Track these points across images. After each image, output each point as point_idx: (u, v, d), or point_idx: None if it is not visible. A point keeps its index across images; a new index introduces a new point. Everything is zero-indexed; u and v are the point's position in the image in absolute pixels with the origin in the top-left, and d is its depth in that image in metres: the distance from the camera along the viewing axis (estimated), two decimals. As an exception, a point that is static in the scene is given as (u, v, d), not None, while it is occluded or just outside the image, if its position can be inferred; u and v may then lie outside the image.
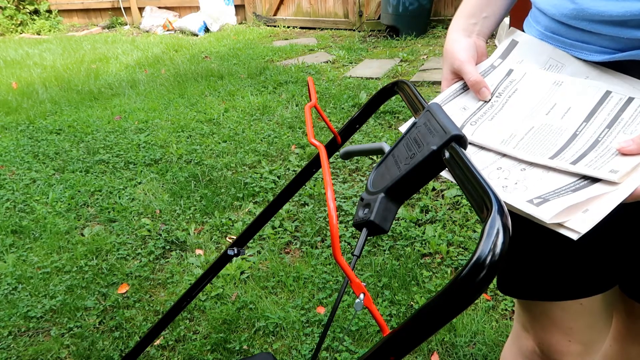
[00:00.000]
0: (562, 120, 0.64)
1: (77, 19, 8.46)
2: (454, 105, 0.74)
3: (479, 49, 0.75)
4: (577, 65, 0.65)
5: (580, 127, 0.62)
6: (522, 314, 0.87)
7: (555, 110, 0.65)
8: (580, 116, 0.62)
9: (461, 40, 0.75)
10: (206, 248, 2.19)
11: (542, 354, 0.84)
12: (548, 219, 0.54)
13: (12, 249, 2.27)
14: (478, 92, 0.71)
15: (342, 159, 0.90)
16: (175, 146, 3.20)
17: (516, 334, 0.92)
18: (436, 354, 1.57)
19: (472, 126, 0.70)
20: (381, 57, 4.99)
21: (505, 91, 0.71)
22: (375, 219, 0.55)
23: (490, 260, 0.36)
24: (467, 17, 0.77)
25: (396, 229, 2.17)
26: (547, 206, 0.55)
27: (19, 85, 4.82)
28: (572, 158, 0.61)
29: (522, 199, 0.57)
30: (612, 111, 0.60)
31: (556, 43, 0.68)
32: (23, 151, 3.29)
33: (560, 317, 0.78)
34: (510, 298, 1.75)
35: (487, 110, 0.72)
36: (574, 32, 0.65)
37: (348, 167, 2.77)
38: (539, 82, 0.67)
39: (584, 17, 0.62)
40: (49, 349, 1.71)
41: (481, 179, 0.43)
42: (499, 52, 0.73)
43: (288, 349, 1.64)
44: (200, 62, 5.21)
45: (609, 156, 0.58)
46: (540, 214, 0.54)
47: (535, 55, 0.68)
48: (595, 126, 0.61)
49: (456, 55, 0.74)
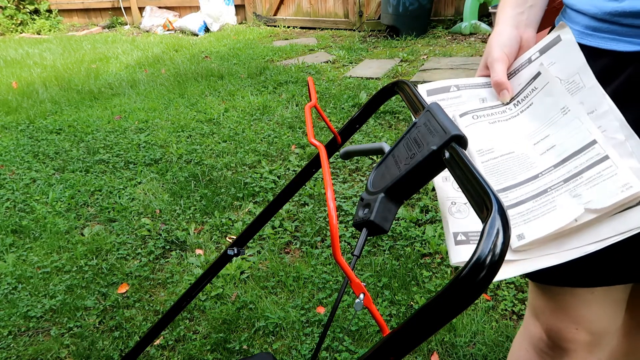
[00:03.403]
0: (541, 156, 0.64)
1: (77, 19, 8.46)
2: (475, 93, 0.75)
3: (525, 42, 0.75)
4: (591, 93, 0.64)
5: (545, 171, 0.61)
6: (534, 299, 0.88)
7: (543, 143, 0.65)
8: (555, 159, 0.62)
9: (504, 34, 0.75)
10: (206, 248, 2.19)
11: (549, 340, 0.85)
12: (453, 263, 0.57)
13: (12, 249, 2.27)
14: (499, 93, 0.73)
15: (342, 159, 0.90)
16: (175, 146, 3.20)
17: (526, 322, 0.93)
18: (436, 354, 1.57)
19: (472, 119, 0.71)
20: (381, 57, 4.99)
21: (523, 102, 0.71)
22: (375, 219, 0.55)
23: (490, 260, 0.36)
24: (513, 7, 0.77)
25: (396, 229, 2.17)
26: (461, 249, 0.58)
27: (19, 85, 4.82)
28: (512, 201, 0.61)
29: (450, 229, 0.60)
30: (581, 165, 0.59)
31: (597, 40, 0.69)
32: (23, 151, 3.29)
33: (571, 304, 0.79)
34: (511, 298, 1.75)
35: (497, 113, 0.72)
36: (617, 28, 0.66)
37: (348, 167, 2.77)
38: (551, 103, 0.67)
39: (629, 13, 0.63)
40: (49, 348, 1.71)
41: (481, 179, 0.43)
42: (541, 45, 0.73)
43: (288, 349, 1.64)
44: (201, 62, 5.21)
45: (536, 214, 0.58)
46: (452, 255, 0.58)
47: (567, 63, 0.68)
48: (556, 175, 0.60)
49: (492, 50, 0.74)
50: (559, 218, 0.56)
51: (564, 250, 0.57)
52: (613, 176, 0.55)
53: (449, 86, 0.77)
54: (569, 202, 0.57)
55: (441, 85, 0.78)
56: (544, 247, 0.58)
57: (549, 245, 0.57)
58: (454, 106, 0.74)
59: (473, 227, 0.60)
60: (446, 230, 0.61)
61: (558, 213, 0.56)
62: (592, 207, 0.55)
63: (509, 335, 1.61)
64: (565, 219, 0.56)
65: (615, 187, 0.55)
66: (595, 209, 0.55)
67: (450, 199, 0.64)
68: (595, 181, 0.57)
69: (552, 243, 0.57)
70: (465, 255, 0.57)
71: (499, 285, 1.82)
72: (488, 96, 0.74)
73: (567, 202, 0.57)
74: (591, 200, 0.55)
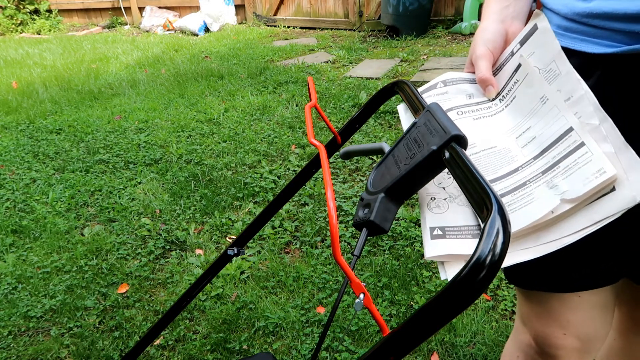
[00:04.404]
0: (522, 149, 0.63)
1: (77, 19, 8.46)
2: (462, 89, 0.74)
3: (511, 35, 0.74)
4: (567, 79, 0.64)
5: (525, 164, 0.61)
6: (521, 306, 0.87)
7: (524, 135, 0.64)
8: (535, 150, 0.61)
9: (488, 30, 0.74)
10: (206, 248, 2.19)
11: (537, 347, 0.84)
12: (427, 257, 0.57)
13: (12, 249, 2.27)
14: (484, 89, 0.72)
15: (342, 159, 0.90)
16: (175, 146, 3.20)
17: (515, 329, 0.92)
18: (436, 354, 1.57)
19: (457, 115, 0.71)
20: (381, 57, 4.99)
21: (507, 96, 0.71)
22: (375, 219, 0.56)
23: (490, 260, 0.36)
24: (498, 1, 0.75)
25: (396, 229, 2.17)
26: (437, 244, 0.57)
27: (19, 84, 4.82)
28: None
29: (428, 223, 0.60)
30: (558, 154, 0.58)
31: (567, 40, 0.69)
32: (23, 151, 3.29)
33: (557, 309, 0.78)
34: (510, 298, 1.75)
35: (482, 109, 0.72)
36: (586, 29, 0.66)
37: (348, 167, 2.77)
38: (532, 94, 0.66)
39: (597, 15, 0.62)
40: (49, 348, 1.71)
41: (481, 179, 0.43)
42: (521, 36, 0.72)
43: (288, 349, 1.64)
44: (201, 62, 5.21)
45: (514, 207, 0.57)
46: (427, 249, 0.57)
47: (544, 51, 0.67)
48: (535, 167, 0.59)
49: (476, 47, 0.73)
50: (536, 210, 0.55)
51: (541, 244, 0.56)
52: (588, 163, 0.55)
53: (436, 83, 0.77)
54: (546, 193, 0.56)
55: (430, 84, 0.77)
56: (521, 241, 0.57)
57: (526, 239, 0.57)
58: (440, 102, 0.74)
59: (450, 222, 0.59)
60: (423, 225, 0.60)
61: (535, 205, 0.56)
62: (567, 197, 0.54)
63: (508, 335, 1.61)
64: (542, 211, 0.55)
65: (590, 174, 0.54)
66: (571, 199, 0.54)
67: (430, 194, 0.63)
68: (571, 169, 0.56)
69: (529, 237, 0.56)
70: (440, 250, 0.56)
71: (499, 285, 1.83)
72: (475, 92, 0.74)
73: (544, 194, 0.56)
74: (567, 190, 0.54)
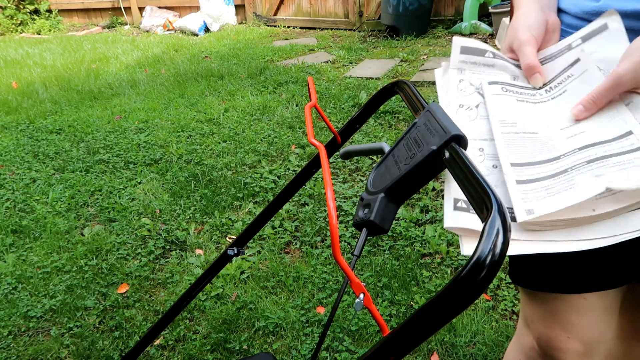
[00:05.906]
0: (567, 140, 0.61)
1: (77, 19, 8.46)
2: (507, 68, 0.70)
3: (550, 26, 0.71)
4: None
5: (568, 153, 0.59)
6: (525, 307, 0.86)
7: (571, 128, 0.62)
8: (581, 143, 0.59)
9: (531, 16, 0.71)
10: (206, 248, 2.19)
11: (540, 350, 0.83)
12: (446, 226, 0.57)
13: (12, 249, 2.27)
14: (530, 76, 0.69)
15: (342, 159, 0.90)
16: (175, 146, 3.20)
17: (518, 331, 0.91)
18: (436, 354, 1.57)
19: (502, 91, 0.68)
20: (381, 57, 4.99)
21: (556, 89, 0.68)
22: (375, 219, 0.55)
23: (490, 260, 0.36)
24: None
25: (396, 229, 2.17)
26: (459, 215, 0.57)
27: (19, 84, 4.82)
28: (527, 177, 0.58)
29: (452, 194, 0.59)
30: (610, 150, 0.56)
31: None
32: (23, 151, 3.29)
33: (562, 311, 0.77)
34: (510, 298, 1.75)
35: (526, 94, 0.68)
36: None
37: (348, 167, 2.77)
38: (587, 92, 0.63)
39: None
40: (49, 348, 1.71)
41: (481, 179, 0.43)
42: (584, 32, 0.68)
43: (288, 349, 1.64)
44: (201, 62, 5.21)
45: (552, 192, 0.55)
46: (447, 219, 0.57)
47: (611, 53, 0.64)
48: (580, 157, 0.57)
49: (518, 34, 0.70)
50: (576, 194, 0.53)
51: (572, 240, 0.54)
52: None
53: (485, 50, 0.72)
54: (590, 180, 0.54)
55: (477, 46, 0.72)
56: (550, 233, 0.55)
57: (555, 232, 0.55)
58: (486, 72, 0.70)
59: None
60: (447, 194, 0.59)
61: (577, 190, 0.53)
62: (614, 186, 0.52)
63: (509, 335, 1.61)
64: (583, 196, 0.52)
65: None
66: (619, 189, 0.52)
67: None
68: (624, 165, 0.54)
69: (560, 230, 0.55)
70: (461, 222, 0.55)
71: (499, 285, 1.82)
72: (520, 75, 0.70)
73: (588, 180, 0.54)
74: (615, 180, 0.52)
